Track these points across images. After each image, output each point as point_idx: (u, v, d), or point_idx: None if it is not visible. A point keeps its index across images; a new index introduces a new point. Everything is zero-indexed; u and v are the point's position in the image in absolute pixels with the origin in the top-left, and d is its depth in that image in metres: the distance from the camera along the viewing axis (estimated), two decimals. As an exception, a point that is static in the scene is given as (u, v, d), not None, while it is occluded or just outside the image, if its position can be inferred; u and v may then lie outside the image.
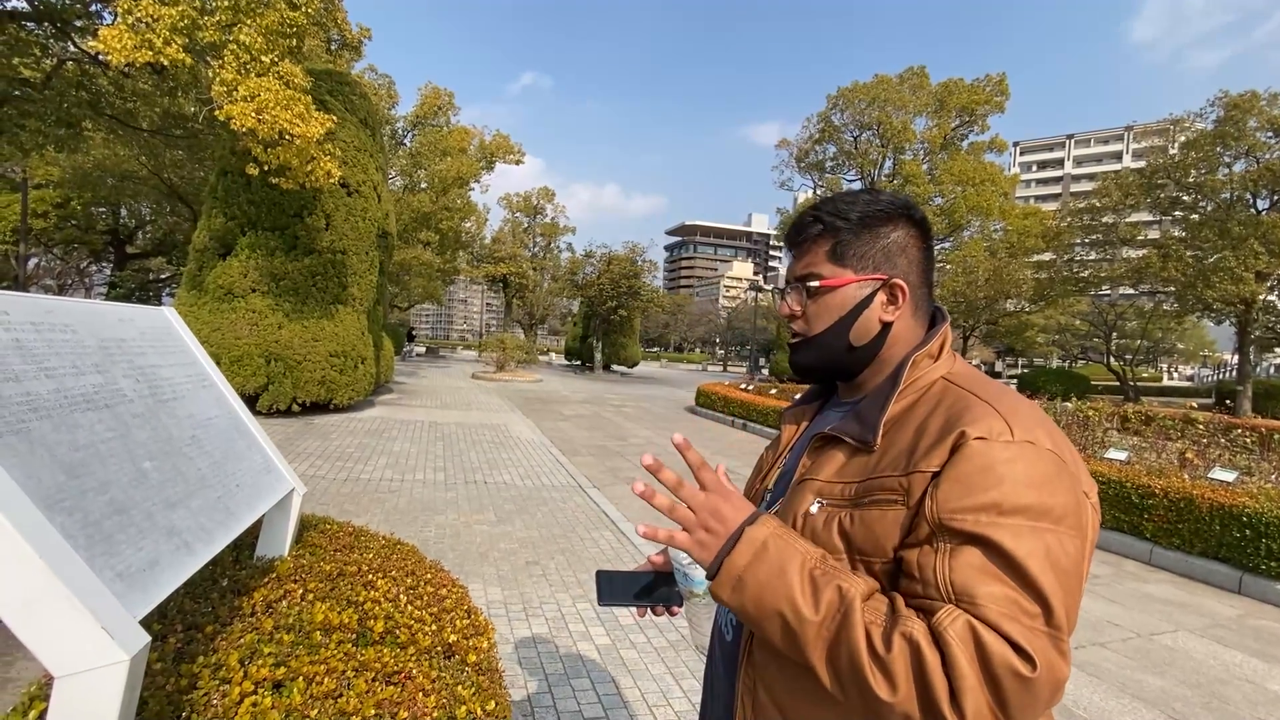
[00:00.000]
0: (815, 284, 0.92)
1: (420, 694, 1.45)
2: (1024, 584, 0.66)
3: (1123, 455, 6.66)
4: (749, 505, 0.81)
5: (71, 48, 11.57)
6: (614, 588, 1.10)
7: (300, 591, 1.76)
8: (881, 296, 0.90)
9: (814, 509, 0.84)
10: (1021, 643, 0.63)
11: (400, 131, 29.04)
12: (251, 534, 2.05)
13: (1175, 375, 59.19)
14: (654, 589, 1.09)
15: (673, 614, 1.12)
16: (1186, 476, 5.97)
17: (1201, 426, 9.18)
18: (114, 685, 0.98)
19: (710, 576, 0.78)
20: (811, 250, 0.94)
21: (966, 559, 0.68)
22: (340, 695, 1.36)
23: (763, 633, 0.75)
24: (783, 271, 1.03)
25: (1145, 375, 48.58)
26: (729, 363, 61.28)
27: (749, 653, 0.89)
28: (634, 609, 1.13)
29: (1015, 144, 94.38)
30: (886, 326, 0.91)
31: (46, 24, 11.12)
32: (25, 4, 10.88)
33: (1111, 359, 32.54)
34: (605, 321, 31.69)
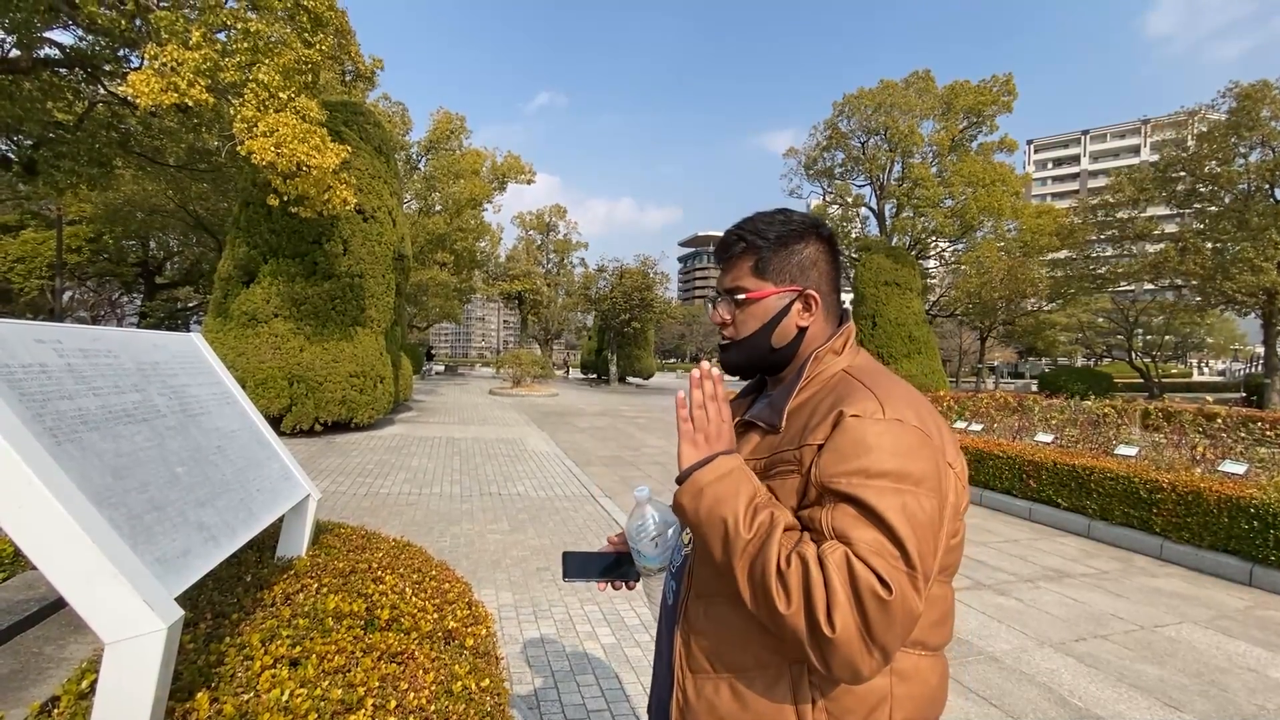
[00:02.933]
0: (742, 296, 1.07)
1: (421, 671, 1.62)
2: (886, 532, 0.80)
3: (1132, 451, 6.65)
4: (733, 442, 0.99)
5: (102, 91, 12.19)
6: (578, 566, 1.25)
7: (315, 585, 1.95)
8: (798, 305, 1.06)
9: None
10: (883, 574, 0.77)
11: (414, 156, 29.76)
12: (272, 536, 2.25)
13: (1206, 370, 57.71)
14: (614, 567, 1.24)
15: (630, 587, 1.27)
16: (1198, 470, 5.95)
17: (1220, 421, 9.08)
18: (153, 652, 1.16)
19: (679, 481, 0.95)
20: (737, 265, 1.08)
21: (843, 512, 0.83)
22: (349, 670, 1.53)
23: (705, 539, 0.90)
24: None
25: (1174, 371, 47.52)
26: (746, 372, 61.05)
27: (684, 609, 1.05)
28: (596, 583, 1.27)
29: (1029, 142, 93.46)
30: (802, 330, 1.07)
31: (78, 69, 11.75)
32: (58, 51, 11.50)
33: (1135, 356, 31.93)
34: (619, 334, 31.96)
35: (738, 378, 1.15)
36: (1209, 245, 22.07)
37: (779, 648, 0.91)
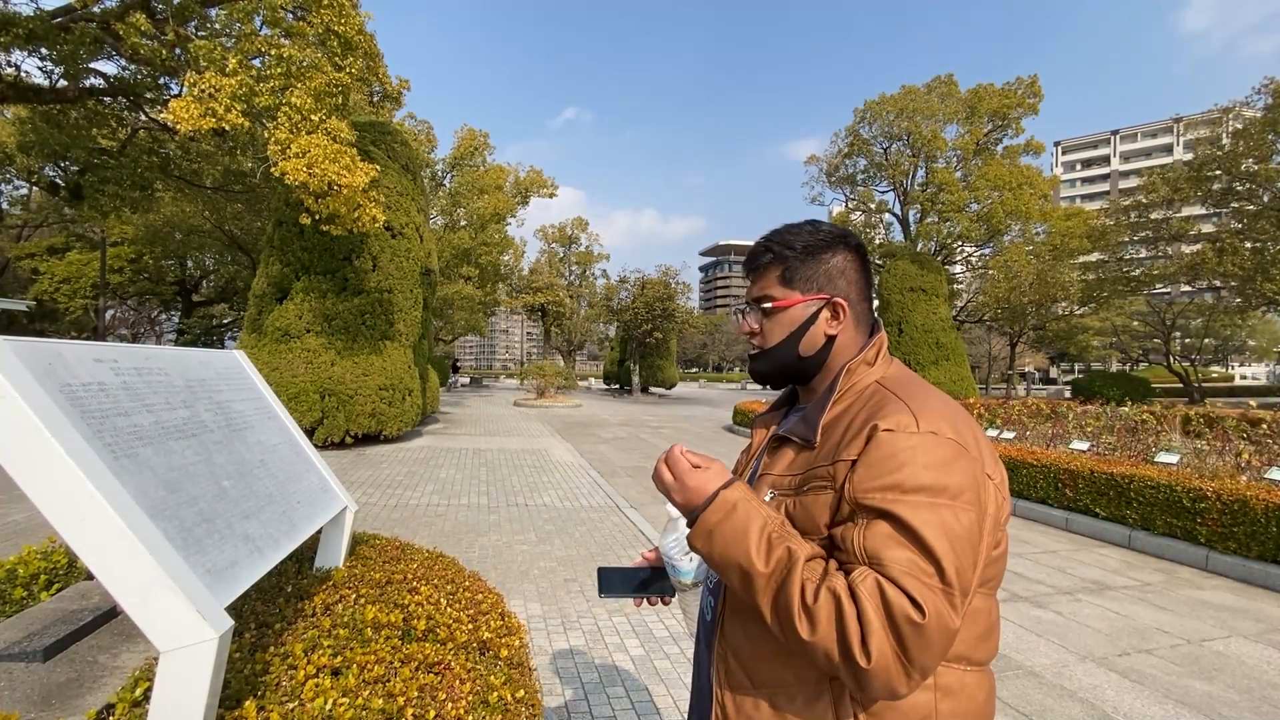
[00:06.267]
0: (769, 305, 1.08)
1: (457, 681, 1.64)
2: (921, 549, 0.79)
3: (1173, 459, 6.44)
4: (725, 472, 0.96)
5: (143, 118, 12.70)
6: (614, 582, 1.25)
7: (353, 596, 1.99)
8: (826, 313, 1.06)
9: (767, 498, 1.00)
10: (916, 595, 0.76)
11: (439, 173, 30.33)
12: (311, 547, 2.31)
13: (1249, 375, 55.60)
14: (649, 582, 1.24)
15: (665, 603, 1.26)
16: (1244, 478, 5.75)
17: (1265, 426, 8.75)
18: (206, 661, 1.21)
19: (689, 524, 0.94)
20: (765, 275, 1.09)
21: (877, 529, 0.82)
22: (388, 680, 1.56)
23: (726, 579, 0.91)
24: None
25: (1214, 375, 45.98)
26: (770, 381, 60.54)
27: (721, 626, 1.05)
28: (632, 599, 1.27)
29: (1056, 143, 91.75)
30: (831, 339, 1.07)
31: (121, 98, 12.27)
32: (102, 81, 12.03)
33: (1172, 359, 30.94)
34: (641, 345, 31.99)
35: (766, 386, 1.16)
36: (1248, 245, 21.37)
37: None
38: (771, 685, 0.94)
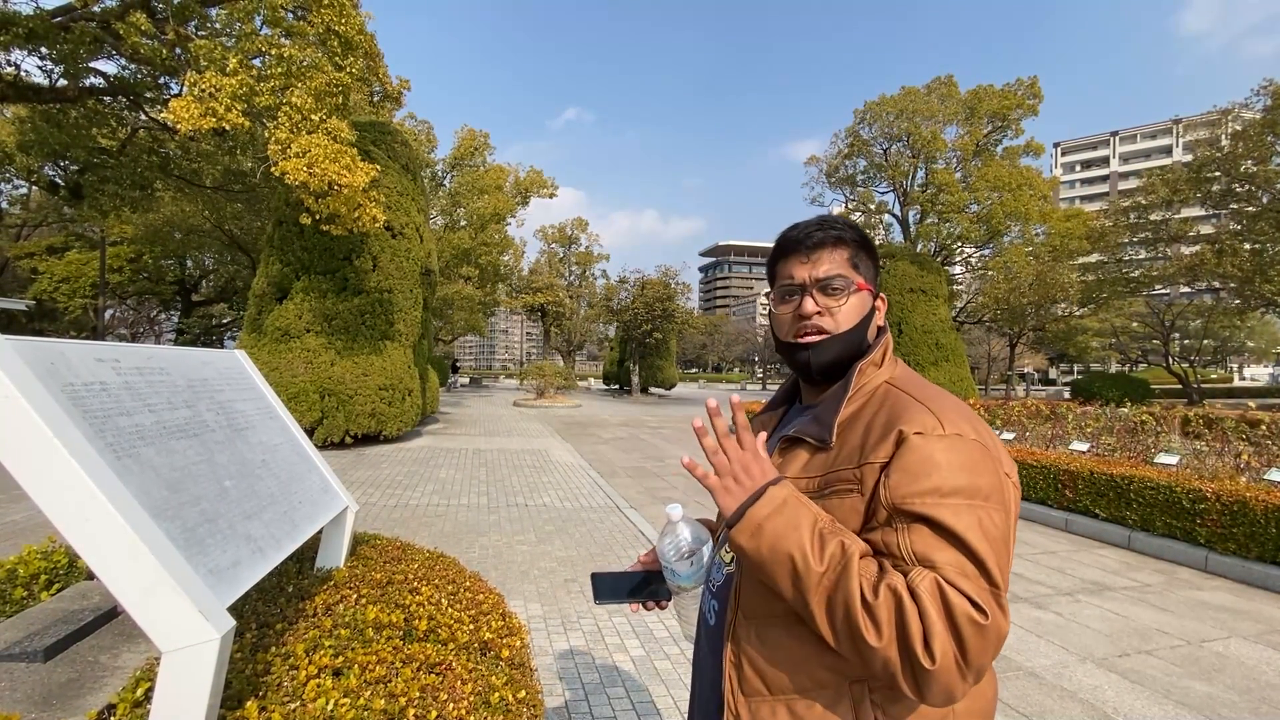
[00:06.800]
0: (854, 284, 1.03)
1: (459, 682, 1.64)
2: (966, 551, 0.79)
3: (1172, 460, 6.45)
4: (774, 470, 0.93)
5: (143, 117, 12.69)
6: (609, 587, 1.24)
7: (354, 596, 1.99)
8: (878, 305, 1.08)
9: None
10: (974, 596, 0.76)
11: (439, 173, 30.32)
12: (312, 547, 2.31)
13: (1247, 376, 55.62)
14: (644, 586, 1.22)
15: (662, 608, 1.24)
16: (1243, 479, 5.75)
17: (1264, 427, 8.76)
18: (208, 661, 1.20)
19: (730, 524, 0.89)
20: (831, 256, 1.04)
21: (921, 533, 0.82)
22: (389, 680, 1.56)
23: (771, 577, 0.86)
24: (801, 277, 1.06)
25: (1213, 376, 46.02)
26: (768, 380, 60.61)
27: (732, 632, 1.01)
28: (628, 605, 1.25)
29: (1056, 145, 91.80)
30: (880, 331, 1.08)
31: (121, 97, 12.27)
32: (102, 80, 12.02)
33: (1171, 361, 30.97)
34: (641, 345, 31.98)
35: (819, 380, 1.08)
36: (1247, 246, 21.39)
37: (837, 666, 0.88)
38: (789, 691, 0.93)
